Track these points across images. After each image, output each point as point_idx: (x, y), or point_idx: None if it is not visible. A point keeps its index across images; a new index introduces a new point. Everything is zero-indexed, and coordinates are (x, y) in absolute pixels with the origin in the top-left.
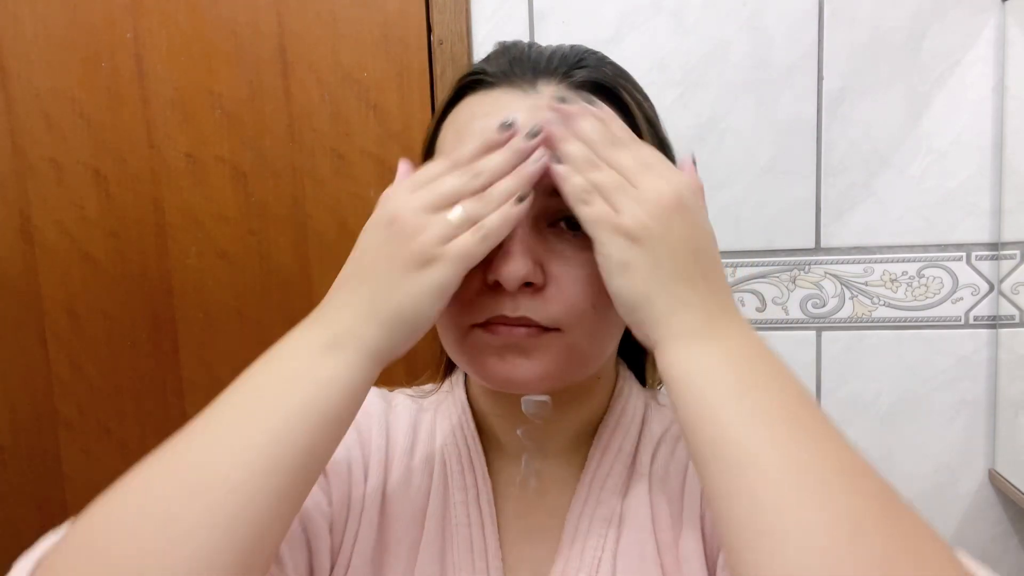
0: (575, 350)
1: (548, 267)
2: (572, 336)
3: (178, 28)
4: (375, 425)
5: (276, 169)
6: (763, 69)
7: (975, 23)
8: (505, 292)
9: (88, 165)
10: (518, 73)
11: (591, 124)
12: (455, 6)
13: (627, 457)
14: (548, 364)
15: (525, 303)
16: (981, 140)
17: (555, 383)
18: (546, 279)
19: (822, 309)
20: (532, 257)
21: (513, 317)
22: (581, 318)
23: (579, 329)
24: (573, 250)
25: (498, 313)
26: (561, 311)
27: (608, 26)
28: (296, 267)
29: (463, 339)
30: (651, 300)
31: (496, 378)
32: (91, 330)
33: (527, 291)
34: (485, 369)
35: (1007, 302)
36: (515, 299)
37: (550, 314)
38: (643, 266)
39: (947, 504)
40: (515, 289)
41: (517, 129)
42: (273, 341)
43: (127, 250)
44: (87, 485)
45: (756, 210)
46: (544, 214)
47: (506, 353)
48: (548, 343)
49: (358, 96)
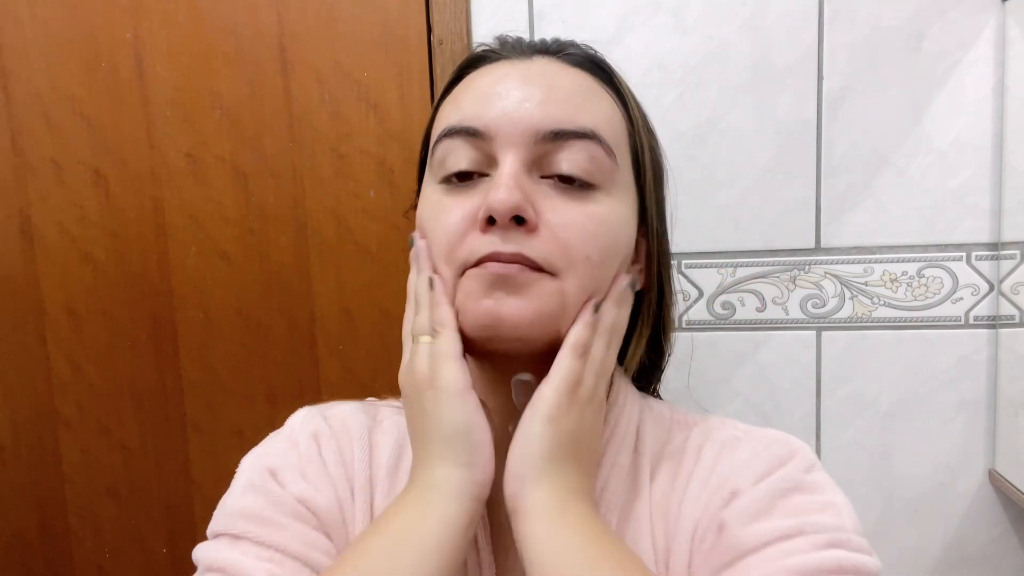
0: (568, 299)
1: (542, 212)
2: (566, 283)
3: (178, 28)
4: (357, 447)
5: (276, 169)
6: (763, 69)
7: (975, 23)
8: (498, 232)
9: (88, 165)
10: (515, 50)
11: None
12: (455, 6)
13: (623, 471)
14: (539, 305)
15: (518, 239)
16: (981, 140)
17: (543, 330)
18: (539, 222)
19: (822, 309)
20: (523, 193)
21: (506, 252)
22: (576, 265)
23: (574, 277)
24: (568, 202)
25: (491, 250)
26: (555, 252)
27: (608, 26)
28: (296, 267)
29: (455, 284)
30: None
31: (483, 316)
32: (91, 330)
33: (520, 229)
34: (475, 309)
35: (1007, 302)
36: (507, 235)
37: (544, 254)
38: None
39: (947, 504)
40: (506, 221)
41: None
42: (273, 341)
43: (127, 250)
44: (87, 485)
45: (756, 210)
46: (538, 162)
47: (496, 289)
48: (541, 285)
49: (358, 96)
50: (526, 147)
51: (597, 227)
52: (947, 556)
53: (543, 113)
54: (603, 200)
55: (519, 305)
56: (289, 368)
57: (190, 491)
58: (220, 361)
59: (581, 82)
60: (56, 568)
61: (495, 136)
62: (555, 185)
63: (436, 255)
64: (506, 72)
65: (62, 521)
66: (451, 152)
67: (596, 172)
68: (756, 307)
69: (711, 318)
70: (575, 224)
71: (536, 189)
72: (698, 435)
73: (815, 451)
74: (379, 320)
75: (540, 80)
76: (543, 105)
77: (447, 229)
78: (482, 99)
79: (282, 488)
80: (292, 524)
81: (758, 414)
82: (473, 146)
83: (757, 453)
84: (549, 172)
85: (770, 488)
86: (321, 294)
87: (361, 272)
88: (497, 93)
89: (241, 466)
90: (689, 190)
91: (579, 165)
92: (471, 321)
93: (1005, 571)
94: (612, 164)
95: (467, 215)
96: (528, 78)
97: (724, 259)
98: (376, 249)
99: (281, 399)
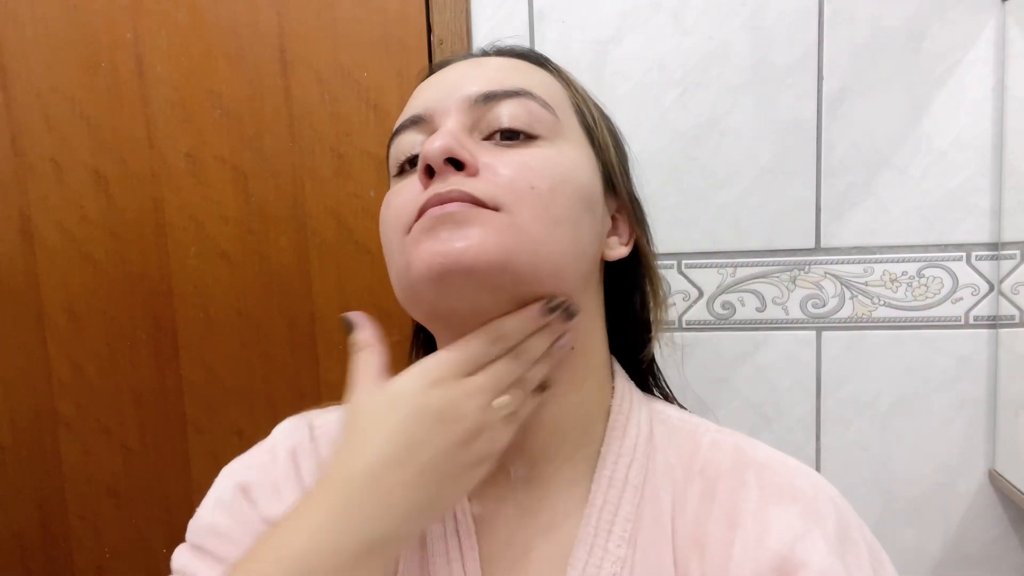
0: (523, 233)
1: (482, 160)
2: (517, 216)
3: (178, 28)
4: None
5: (276, 169)
6: (763, 69)
7: (975, 23)
8: (437, 180)
9: (88, 165)
10: (451, 60)
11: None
12: (455, 6)
13: (635, 491)
14: (487, 237)
15: (456, 181)
16: (981, 140)
17: (499, 268)
18: (479, 167)
19: (822, 309)
20: (459, 141)
21: (444, 191)
22: (524, 196)
23: (526, 209)
24: (508, 151)
25: (429, 195)
26: (498, 189)
27: (608, 26)
28: (296, 267)
29: (401, 253)
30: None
31: (428, 259)
32: (91, 330)
33: (459, 174)
34: (419, 258)
35: (1007, 302)
36: (445, 179)
37: (485, 190)
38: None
39: (947, 504)
40: (441, 165)
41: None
42: (273, 341)
43: (127, 250)
44: (87, 485)
45: (756, 210)
46: (477, 125)
47: (438, 229)
48: (487, 218)
49: (358, 96)
50: (462, 112)
51: (540, 163)
52: (947, 556)
53: (476, 84)
54: (547, 146)
55: (468, 238)
56: (289, 368)
57: (190, 491)
58: (220, 361)
59: (512, 62)
60: (56, 568)
61: (434, 112)
62: (497, 143)
63: (389, 237)
64: (444, 72)
65: (62, 521)
66: (400, 144)
67: (535, 123)
68: (756, 307)
69: (711, 318)
70: (516, 162)
71: (478, 146)
72: (729, 450)
73: (815, 451)
74: (379, 320)
75: (474, 65)
76: (476, 79)
77: (398, 206)
78: (424, 92)
79: (252, 506)
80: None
81: (758, 414)
82: (418, 131)
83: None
84: (489, 131)
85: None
86: (321, 294)
87: (361, 272)
88: (434, 82)
89: (220, 475)
90: (689, 190)
91: (515, 117)
92: (419, 274)
93: (1005, 571)
94: (552, 117)
95: (412, 188)
96: (464, 67)
97: (724, 259)
98: (376, 249)
99: (281, 399)
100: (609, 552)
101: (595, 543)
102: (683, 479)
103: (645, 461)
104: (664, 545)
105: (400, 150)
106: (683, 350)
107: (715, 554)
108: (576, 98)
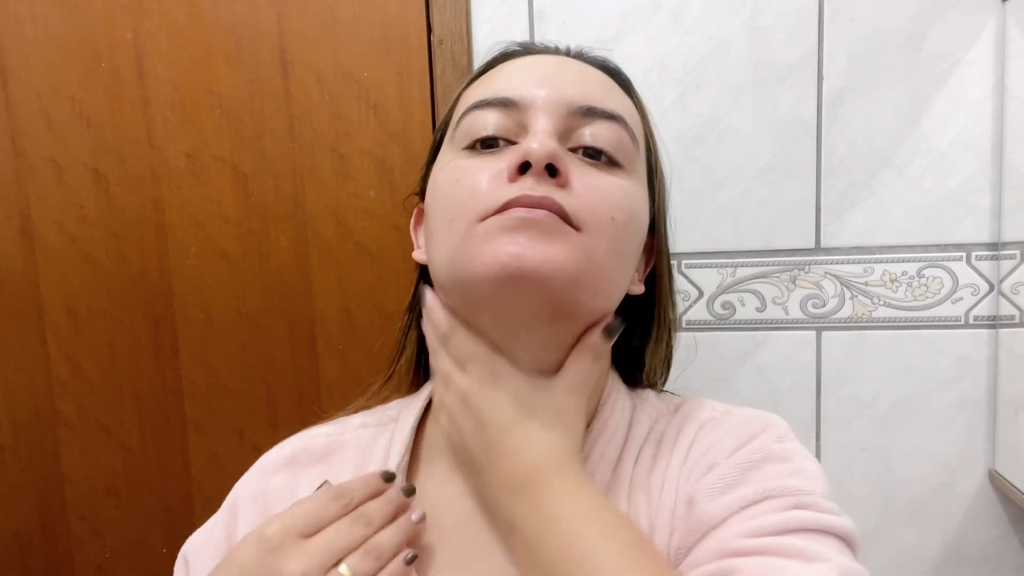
0: (594, 258)
1: (570, 175)
2: (593, 240)
3: (178, 28)
4: (305, 487)
5: (276, 169)
6: (763, 69)
7: (975, 23)
8: (529, 179)
9: (88, 165)
10: (541, 50)
11: None
12: (455, 6)
13: (608, 464)
14: (567, 255)
15: (548, 188)
16: (981, 140)
17: (567, 286)
18: (570, 182)
19: (822, 309)
20: (562, 150)
21: (536, 196)
22: (603, 224)
23: (600, 236)
24: (595, 171)
25: (520, 193)
26: (583, 208)
27: (608, 26)
28: (296, 267)
29: (467, 237)
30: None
31: (503, 258)
32: (91, 330)
33: (551, 181)
34: (491, 252)
35: (1007, 302)
36: (538, 182)
37: (574, 207)
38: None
39: (947, 504)
40: (540, 168)
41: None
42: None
43: (127, 250)
44: (87, 485)
45: (756, 210)
46: (567, 134)
47: (521, 232)
48: (570, 237)
49: (358, 96)
50: (559, 116)
51: (623, 195)
52: (947, 556)
53: (576, 91)
54: (626, 178)
55: (546, 250)
56: (289, 368)
57: (190, 491)
58: (220, 361)
59: (606, 79)
60: (56, 568)
61: (529, 105)
62: (582, 158)
63: (452, 213)
64: (537, 60)
65: (62, 521)
66: (479, 119)
67: (622, 152)
68: (756, 307)
69: (711, 318)
70: (603, 187)
71: (567, 157)
72: (679, 418)
73: (815, 451)
74: (379, 320)
75: (571, 67)
76: (576, 85)
77: (469, 185)
78: (515, 74)
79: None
80: None
81: None
82: (504, 114)
83: (731, 429)
84: (577, 144)
85: (740, 460)
86: (321, 294)
87: (361, 272)
88: (531, 69)
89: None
90: (689, 190)
91: (607, 140)
92: (485, 267)
93: (1005, 571)
94: (635, 150)
95: (493, 174)
96: (559, 65)
97: (724, 259)
98: (376, 249)
99: (281, 399)
100: None
101: None
102: (640, 446)
103: (622, 440)
104: (622, 498)
105: (477, 126)
106: (683, 350)
107: (655, 494)
108: (648, 136)
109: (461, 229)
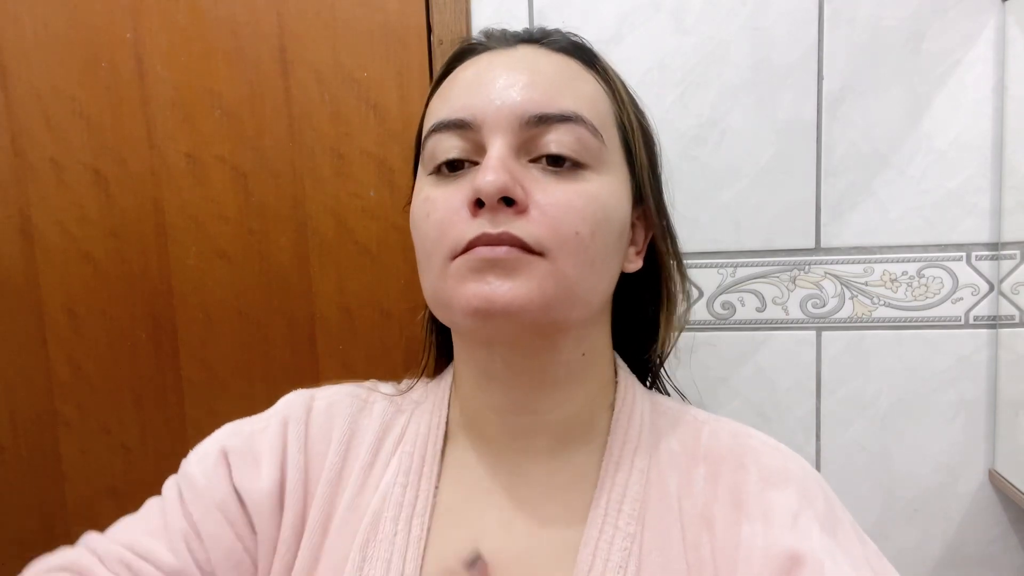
0: (563, 279)
1: (531, 193)
2: (559, 263)
3: (178, 28)
4: (336, 437)
5: (276, 169)
6: (763, 69)
7: (975, 23)
8: (487, 214)
9: (88, 165)
10: (500, 41)
11: None
12: (455, 6)
13: (641, 474)
14: (532, 287)
15: (507, 221)
16: (981, 140)
17: (539, 314)
18: (529, 203)
19: (822, 309)
20: (511, 174)
21: (494, 233)
22: (567, 242)
23: (567, 256)
24: (557, 182)
25: (479, 231)
26: (545, 232)
27: (608, 26)
28: (296, 267)
29: (442, 275)
30: None
31: (474, 301)
32: (91, 330)
33: (509, 211)
34: (464, 294)
35: (1007, 302)
36: (496, 217)
37: (534, 234)
38: None
39: (947, 504)
40: (494, 203)
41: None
42: (273, 341)
43: (127, 250)
44: (87, 485)
45: (756, 210)
46: (525, 146)
47: (486, 273)
48: (533, 266)
49: (358, 96)
50: (512, 132)
51: (586, 203)
52: (947, 556)
53: (526, 98)
54: (592, 179)
55: (511, 288)
56: (289, 368)
57: None
58: (220, 361)
59: (564, 66)
60: None
61: (482, 124)
62: (544, 168)
63: (428, 250)
64: (490, 62)
65: (62, 521)
66: (440, 144)
67: (583, 152)
68: (756, 307)
69: (711, 318)
70: (563, 202)
71: (525, 173)
72: (726, 437)
73: (815, 451)
74: (379, 320)
75: (523, 67)
76: (526, 90)
77: (436, 222)
78: (468, 90)
79: (226, 472)
80: (208, 514)
81: (758, 414)
82: (462, 136)
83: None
84: (536, 155)
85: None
86: (321, 294)
87: (361, 272)
88: (482, 83)
89: (220, 429)
90: (689, 190)
91: (566, 145)
92: (461, 308)
93: (1005, 571)
94: (599, 144)
95: (457, 203)
96: (511, 66)
97: (724, 259)
98: (376, 249)
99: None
100: (620, 529)
101: (606, 521)
102: (687, 464)
103: (649, 448)
104: (672, 523)
105: (438, 150)
106: (682, 350)
107: (723, 533)
108: (620, 112)
109: (436, 266)
